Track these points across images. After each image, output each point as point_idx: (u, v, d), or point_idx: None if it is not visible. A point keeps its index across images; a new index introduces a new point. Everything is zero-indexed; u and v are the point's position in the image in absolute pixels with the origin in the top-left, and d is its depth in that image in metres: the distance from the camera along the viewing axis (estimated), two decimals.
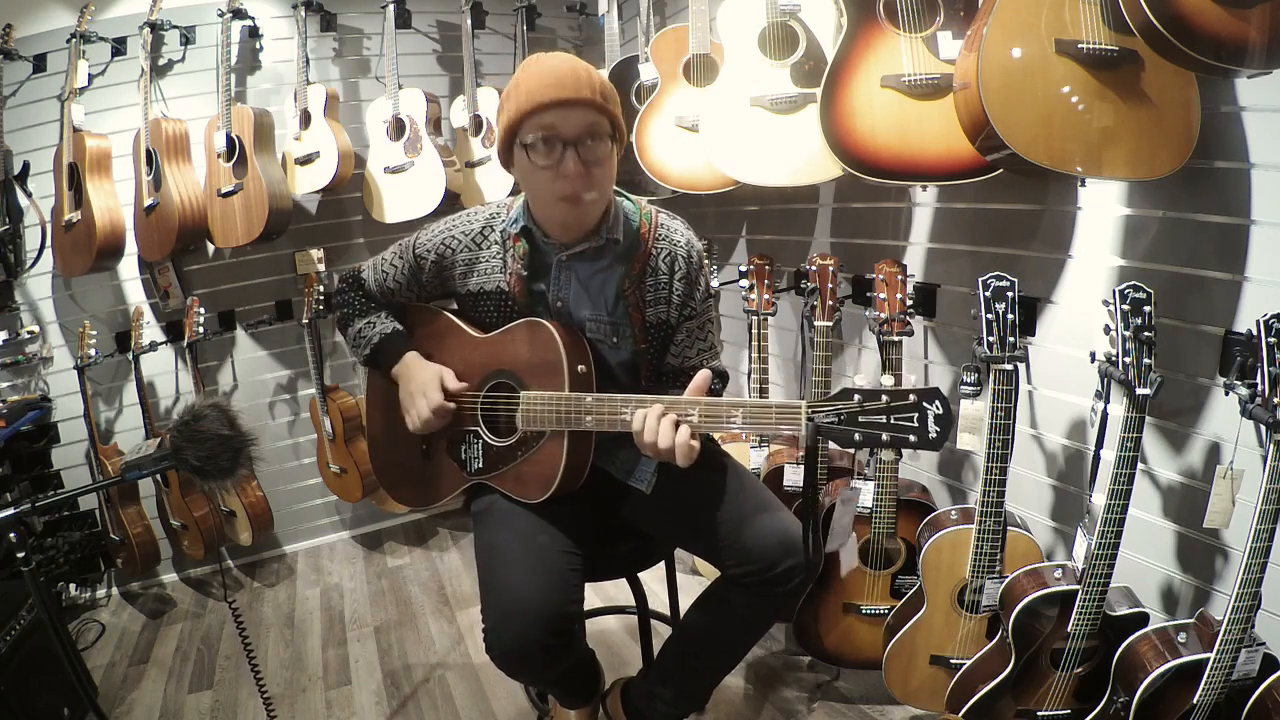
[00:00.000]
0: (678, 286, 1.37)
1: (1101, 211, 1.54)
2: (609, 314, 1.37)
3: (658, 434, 1.15)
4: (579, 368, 1.30)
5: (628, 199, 1.41)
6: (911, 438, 1.03)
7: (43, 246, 2.45)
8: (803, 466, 1.21)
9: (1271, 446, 1.14)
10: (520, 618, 1.20)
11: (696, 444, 1.16)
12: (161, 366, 2.67)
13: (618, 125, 1.25)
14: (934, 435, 1.02)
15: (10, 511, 1.09)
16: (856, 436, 1.05)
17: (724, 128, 1.83)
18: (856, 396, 1.06)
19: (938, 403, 1.03)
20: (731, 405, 1.15)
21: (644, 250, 1.35)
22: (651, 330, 1.39)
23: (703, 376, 1.20)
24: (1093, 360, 1.35)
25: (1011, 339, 1.42)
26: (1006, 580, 1.51)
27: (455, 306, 1.51)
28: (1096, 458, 1.43)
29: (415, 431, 1.40)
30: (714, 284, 2.27)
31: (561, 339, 1.29)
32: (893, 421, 1.04)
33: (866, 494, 1.75)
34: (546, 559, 1.27)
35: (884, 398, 1.04)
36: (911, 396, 1.03)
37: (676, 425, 1.16)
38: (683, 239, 1.38)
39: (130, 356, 2.49)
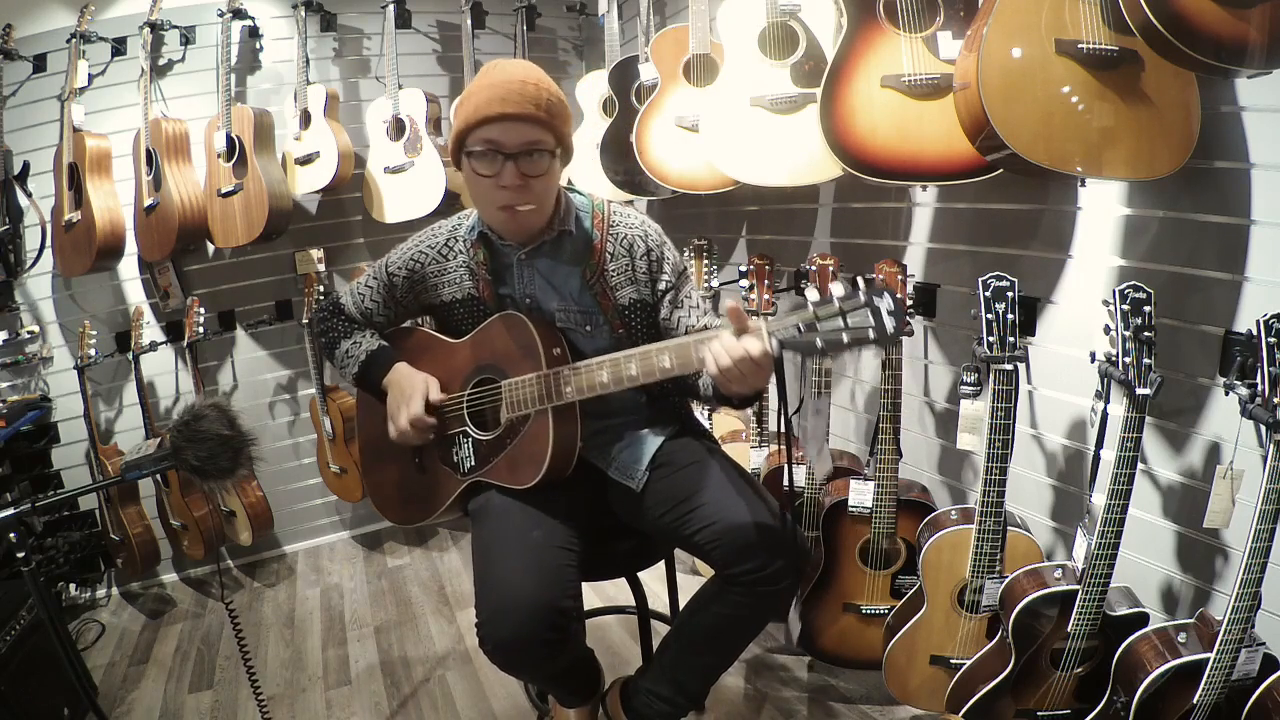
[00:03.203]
0: (640, 265, 1.42)
1: (1101, 211, 1.54)
2: (577, 303, 1.41)
3: (743, 347, 1.10)
4: (554, 350, 1.34)
5: (579, 193, 1.46)
6: (871, 334, 1.04)
7: (43, 246, 2.45)
8: (774, 378, 1.24)
9: (1271, 446, 1.14)
10: (514, 612, 1.21)
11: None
12: (161, 366, 2.68)
13: (562, 140, 1.32)
14: (891, 328, 1.04)
15: (10, 511, 1.09)
16: (818, 344, 1.07)
17: (724, 128, 1.83)
18: (811, 306, 1.07)
19: (886, 296, 1.04)
20: (699, 340, 1.18)
21: (600, 238, 1.41)
22: (627, 312, 1.43)
23: (733, 305, 1.16)
24: (1093, 360, 1.35)
25: (1011, 339, 1.42)
26: (1006, 580, 1.51)
27: (434, 322, 1.55)
28: (1096, 458, 1.43)
29: (394, 440, 1.43)
30: (714, 283, 2.27)
31: (533, 323, 1.35)
32: (849, 324, 1.04)
33: (866, 494, 1.75)
34: (541, 554, 1.28)
35: (836, 302, 1.05)
36: (861, 296, 1.05)
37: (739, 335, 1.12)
38: (636, 221, 1.44)
39: (130, 356, 2.49)
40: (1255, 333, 1.15)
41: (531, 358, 1.33)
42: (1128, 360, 1.26)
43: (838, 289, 1.07)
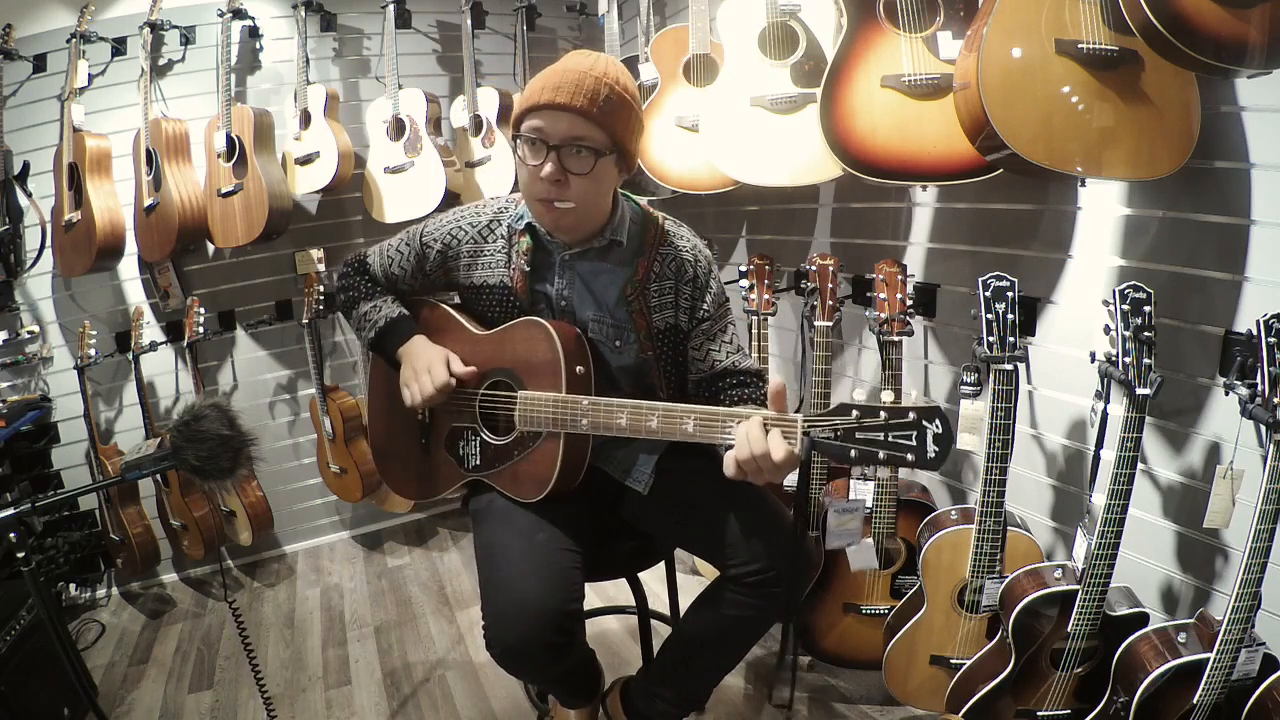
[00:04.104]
0: (684, 291, 1.37)
1: (1101, 211, 1.54)
2: (612, 316, 1.37)
3: (766, 446, 1.06)
4: (577, 369, 1.30)
5: (636, 204, 1.42)
6: (909, 457, 0.99)
7: (43, 246, 2.45)
8: (798, 477, 1.20)
9: (1271, 446, 1.14)
10: (521, 616, 1.20)
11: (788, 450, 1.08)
12: (161, 366, 2.67)
13: (619, 142, 1.25)
14: (932, 456, 0.98)
15: (10, 511, 1.09)
16: (852, 454, 1.02)
17: (724, 128, 1.83)
18: (855, 412, 1.01)
19: (938, 421, 0.98)
20: (728, 415, 1.14)
21: (648, 256, 1.36)
22: (659, 337, 1.39)
23: (778, 385, 1.12)
24: (1093, 360, 1.35)
25: (1011, 339, 1.42)
26: (1006, 580, 1.51)
27: (457, 299, 1.51)
28: (1096, 458, 1.43)
29: (411, 406, 1.39)
30: None
31: (560, 339, 1.30)
32: (890, 439, 0.99)
33: (866, 494, 1.75)
34: (546, 557, 1.27)
35: (882, 414, 1.00)
36: (911, 415, 0.98)
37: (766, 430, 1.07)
38: (688, 244, 1.39)
39: (130, 356, 2.49)
40: (1255, 333, 1.15)
41: (552, 374, 1.30)
42: (1128, 360, 1.26)
43: (887, 396, 1.01)
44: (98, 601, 2.65)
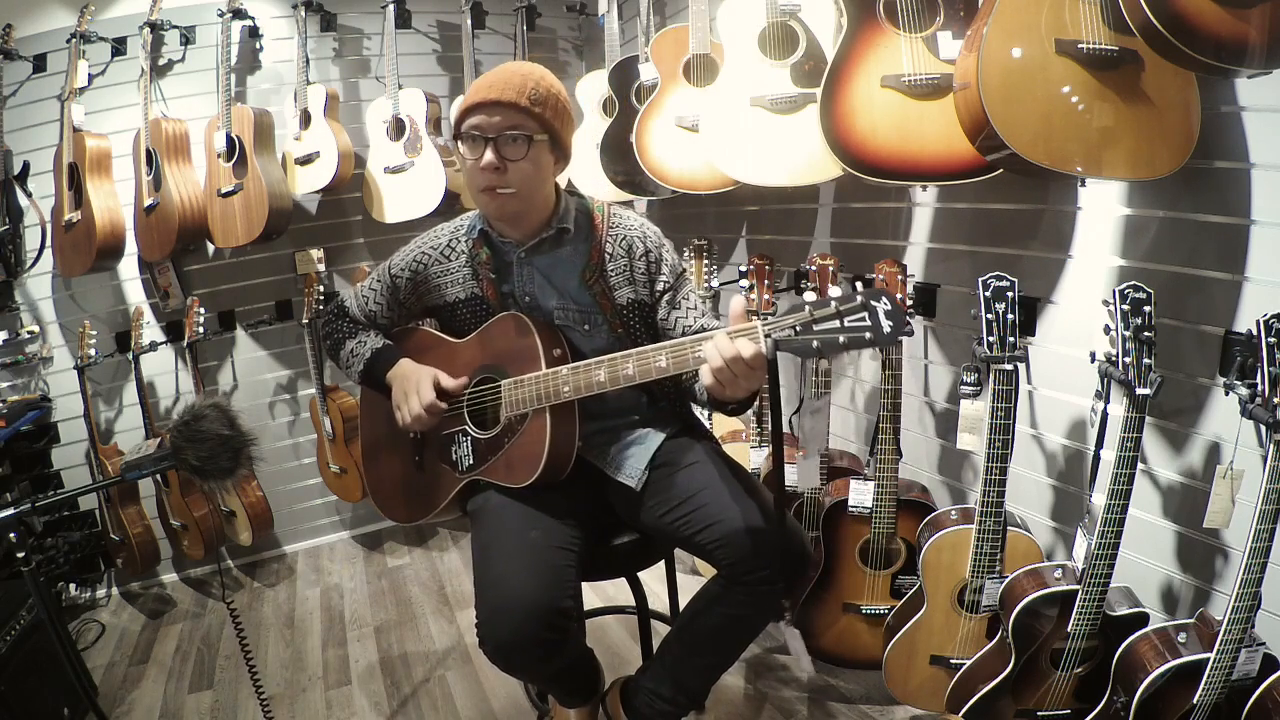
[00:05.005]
0: (639, 265, 1.44)
1: (1101, 211, 1.54)
2: (575, 301, 1.43)
3: (736, 349, 1.10)
4: (554, 351, 1.36)
5: (580, 196, 1.50)
6: (867, 335, 1.05)
7: (43, 246, 2.45)
8: (767, 380, 1.27)
9: (1271, 446, 1.14)
10: (513, 612, 1.21)
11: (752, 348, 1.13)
12: (161, 366, 2.68)
13: (550, 130, 1.34)
14: (888, 330, 1.04)
15: (10, 511, 1.09)
16: (815, 344, 1.07)
17: (724, 128, 1.83)
18: (807, 307, 1.08)
19: (884, 299, 1.04)
20: (695, 340, 1.18)
21: (599, 239, 1.43)
22: (626, 312, 1.45)
23: (738, 303, 1.18)
24: (1093, 360, 1.35)
25: (1011, 339, 1.42)
26: (1006, 580, 1.51)
27: (436, 324, 1.57)
28: (1096, 458, 1.43)
29: (404, 428, 1.44)
30: (714, 284, 2.27)
31: (534, 324, 1.37)
32: (846, 325, 1.05)
33: (866, 494, 1.75)
34: (539, 554, 1.28)
35: (833, 304, 1.06)
36: (859, 299, 1.05)
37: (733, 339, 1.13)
38: (636, 223, 1.47)
39: (130, 356, 2.49)
40: (1255, 333, 1.15)
41: (532, 358, 1.34)
42: (1128, 360, 1.26)
43: (835, 291, 1.07)
44: (98, 601, 2.65)
